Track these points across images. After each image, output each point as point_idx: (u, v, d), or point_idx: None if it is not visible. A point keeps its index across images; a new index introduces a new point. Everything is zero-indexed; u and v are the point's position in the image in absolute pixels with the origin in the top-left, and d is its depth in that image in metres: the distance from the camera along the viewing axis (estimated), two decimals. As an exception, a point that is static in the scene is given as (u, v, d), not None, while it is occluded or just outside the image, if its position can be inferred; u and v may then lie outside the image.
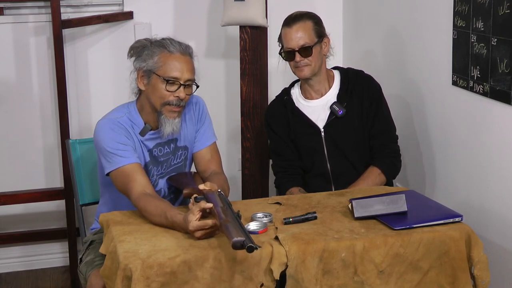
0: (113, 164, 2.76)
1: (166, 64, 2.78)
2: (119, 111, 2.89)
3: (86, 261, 2.90)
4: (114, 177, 2.78)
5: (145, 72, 2.81)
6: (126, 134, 2.82)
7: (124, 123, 2.84)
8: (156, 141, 2.90)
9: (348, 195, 2.89)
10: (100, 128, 2.83)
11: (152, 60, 2.79)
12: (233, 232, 2.25)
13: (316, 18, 3.25)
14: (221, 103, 4.28)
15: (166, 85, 2.77)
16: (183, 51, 2.81)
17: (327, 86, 3.29)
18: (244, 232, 2.27)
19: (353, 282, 2.45)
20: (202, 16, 4.17)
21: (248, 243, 2.20)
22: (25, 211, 4.14)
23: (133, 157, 2.78)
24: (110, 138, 2.79)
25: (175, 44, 2.81)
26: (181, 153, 2.97)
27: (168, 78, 2.77)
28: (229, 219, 2.35)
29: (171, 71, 2.77)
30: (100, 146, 2.80)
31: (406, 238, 2.49)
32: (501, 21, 2.82)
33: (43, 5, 3.96)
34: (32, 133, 4.10)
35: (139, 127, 2.87)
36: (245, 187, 3.77)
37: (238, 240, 2.21)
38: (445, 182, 3.37)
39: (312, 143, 3.27)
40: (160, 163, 2.92)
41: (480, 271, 2.56)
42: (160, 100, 2.79)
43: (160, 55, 2.79)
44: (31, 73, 4.04)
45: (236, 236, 2.23)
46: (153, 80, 2.79)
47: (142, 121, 2.87)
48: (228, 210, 2.43)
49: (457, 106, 3.23)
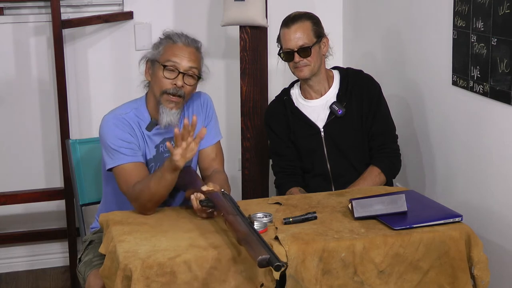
0: (115, 161, 2.77)
1: (167, 51, 2.81)
2: (126, 107, 2.89)
3: (85, 261, 2.90)
4: (115, 173, 2.79)
5: (151, 61, 2.84)
6: (130, 131, 2.82)
7: (129, 120, 2.84)
8: (163, 136, 2.89)
9: (348, 195, 2.89)
10: (105, 123, 2.84)
11: (157, 50, 2.83)
12: (256, 249, 2.21)
13: (315, 18, 3.25)
14: (221, 103, 4.28)
15: (164, 71, 2.78)
16: (188, 42, 2.83)
17: (326, 86, 3.29)
18: (265, 244, 2.24)
19: (353, 282, 2.45)
20: (202, 16, 4.17)
21: (274, 261, 2.16)
22: (25, 211, 4.14)
23: (136, 155, 2.78)
24: (114, 135, 2.79)
25: (181, 36, 2.84)
26: None
27: (166, 64, 2.78)
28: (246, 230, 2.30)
29: (170, 57, 2.79)
30: (104, 141, 2.82)
31: (406, 238, 2.49)
32: (501, 21, 2.82)
33: (43, 5, 3.96)
34: (32, 133, 4.10)
35: (145, 123, 2.87)
36: (245, 187, 3.77)
37: (264, 258, 2.17)
38: (445, 182, 3.37)
39: (312, 143, 3.27)
40: (165, 159, 2.90)
41: (480, 271, 2.56)
42: (159, 89, 2.80)
43: (165, 45, 2.83)
44: (31, 73, 4.03)
45: (260, 253, 2.18)
46: (156, 69, 2.82)
47: (149, 116, 2.87)
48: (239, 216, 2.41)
49: (457, 106, 3.23)
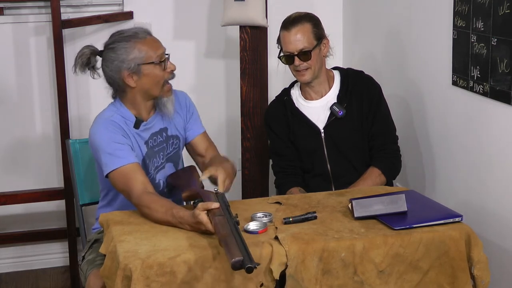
0: (112, 165, 2.76)
1: (148, 50, 2.80)
2: (109, 111, 2.89)
3: (88, 259, 2.91)
4: (114, 178, 2.77)
5: (134, 69, 2.80)
6: (122, 132, 2.82)
7: (118, 121, 2.84)
8: (150, 131, 2.91)
9: (348, 195, 2.89)
10: (95, 130, 2.83)
11: (132, 55, 2.78)
12: (232, 250, 2.22)
13: (315, 20, 3.24)
14: (221, 103, 4.28)
15: (160, 66, 2.81)
16: (148, 32, 2.86)
17: (327, 87, 3.29)
18: (242, 245, 2.25)
19: (353, 282, 2.45)
20: (202, 16, 4.18)
21: (247, 263, 2.17)
22: (25, 211, 4.14)
23: (131, 156, 2.78)
24: (107, 139, 2.79)
25: (137, 31, 2.84)
26: (173, 141, 2.98)
27: (156, 60, 2.80)
28: (228, 231, 2.32)
29: (156, 51, 2.81)
30: (98, 148, 2.80)
31: (406, 238, 2.49)
32: (501, 21, 2.82)
33: (43, 5, 3.96)
34: (32, 133, 4.10)
35: (132, 121, 2.87)
36: (245, 187, 3.77)
37: (237, 260, 2.18)
38: (445, 182, 3.37)
39: (312, 144, 3.27)
40: (156, 153, 2.92)
41: (480, 271, 2.55)
42: (159, 84, 2.82)
43: (136, 46, 2.79)
44: (31, 73, 4.04)
45: (235, 255, 2.19)
46: (146, 71, 2.80)
47: (133, 115, 2.88)
48: (226, 216, 2.41)
49: (457, 106, 3.23)
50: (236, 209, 2.60)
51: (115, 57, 2.80)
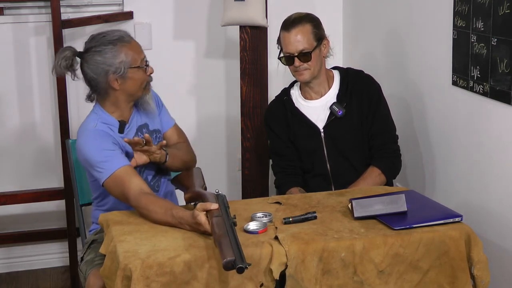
0: (106, 173, 2.75)
1: (133, 54, 2.83)
2: (91, 121, 2.88)
3: (87, 260, 2.91)
4: (109, 184, 2.76)
5: (120, 72, 2.81)
6: (111, 139, 2.83)
7: (103, 129, 2.85)
8: (133, 131, 2.93)
9: (348, 195, 2.89)
10: (83, 143, 2.82)
11: (119, 59, 2.80)
12: (224, 250, 2.22)
13: (315, 21, 3.23)
14: (221, 103, 4.28)
15: (144, 70, 2.85)
16: (130, 35, 2.89)
17: (326, 87, 3.29)
18: (236, 245, 2.24)
19: (353, 282, 2.45)
20: (202, 16, 4.17)
21: (238, 263, 2.17)
22: (25, 211, 4.14)
23: (123, 159, 2.78)
24: (96, 147, 2.78)
25: (122, 34, 2.86)
26: (156, 136, 3.01)
27: (140, 64, 2.84)
28: (223, 232, 2.32)
29: (140, 54, 2.86)
30: (88, 159, 2.79)
31: (406, 238, 2.49)
32: (501, 21, 2.82)
33: (43, 5, 3.96)
34: (32, 133, 4.10)
35: (115, 127, 2.89)
36: (245, 187, 3.77)
37: (229, 260, 2.17)
38: (445, 182, 3.37)
39: (312, 144, 3.27)
40: None
41: (480, 271, 2.55)
42: (142, 86, 2.87)
43: (123, 51, 2.81)
44: (31, 73, 4.04)
45: (227, 256, 2.19)
46: (131, 74, 2.82)
47: (115, 120, 2.89)
48: (223, 217, 2.40)
49: (457, 106, 3.23)
50: (236, 209, 2.60)
51: (102, 61, 2.80)
